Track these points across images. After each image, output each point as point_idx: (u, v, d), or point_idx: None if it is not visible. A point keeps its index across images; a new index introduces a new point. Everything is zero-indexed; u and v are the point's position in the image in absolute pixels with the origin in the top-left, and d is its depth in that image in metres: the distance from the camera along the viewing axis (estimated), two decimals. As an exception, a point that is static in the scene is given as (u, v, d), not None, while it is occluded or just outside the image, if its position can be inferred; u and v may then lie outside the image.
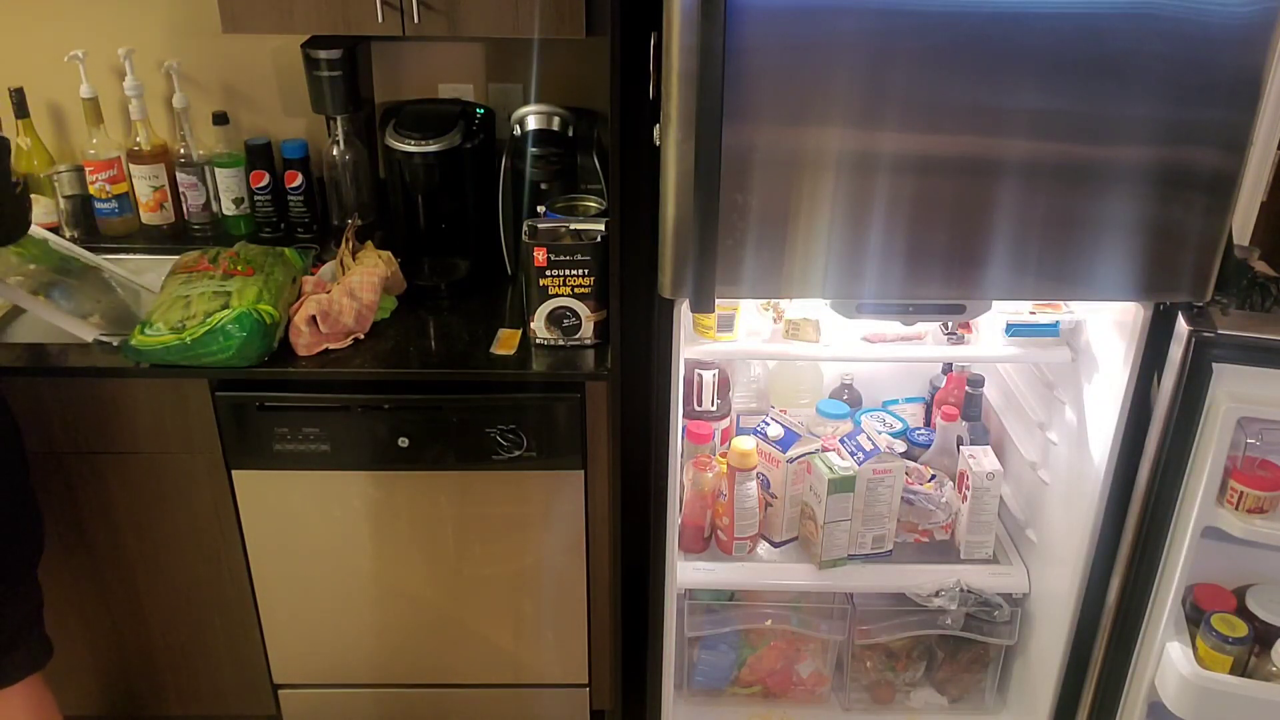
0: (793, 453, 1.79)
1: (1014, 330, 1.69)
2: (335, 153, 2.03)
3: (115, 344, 1.70)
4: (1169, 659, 1.58)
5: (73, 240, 2.06)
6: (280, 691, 2.04)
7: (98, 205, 2.08)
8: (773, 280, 1.45)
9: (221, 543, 1.86)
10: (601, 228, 1.73)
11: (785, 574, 1.87)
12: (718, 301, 1.42)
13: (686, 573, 1.83)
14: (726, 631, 1.97)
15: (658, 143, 1.38)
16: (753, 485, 1.80)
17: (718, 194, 1.32)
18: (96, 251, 2.01)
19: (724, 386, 1.93)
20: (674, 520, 1.71)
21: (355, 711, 2.06)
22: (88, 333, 1.74)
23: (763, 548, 1.90)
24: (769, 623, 1.95)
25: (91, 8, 2.02)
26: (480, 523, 1.84)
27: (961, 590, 1.82)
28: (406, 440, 1.74)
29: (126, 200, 2.10)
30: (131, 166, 2.08)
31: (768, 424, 1.84)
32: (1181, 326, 1.45)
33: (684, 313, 1.52)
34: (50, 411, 1.72)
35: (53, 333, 1.80)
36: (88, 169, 2.05)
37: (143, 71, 2.03)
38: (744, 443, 1.78)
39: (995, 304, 1.56)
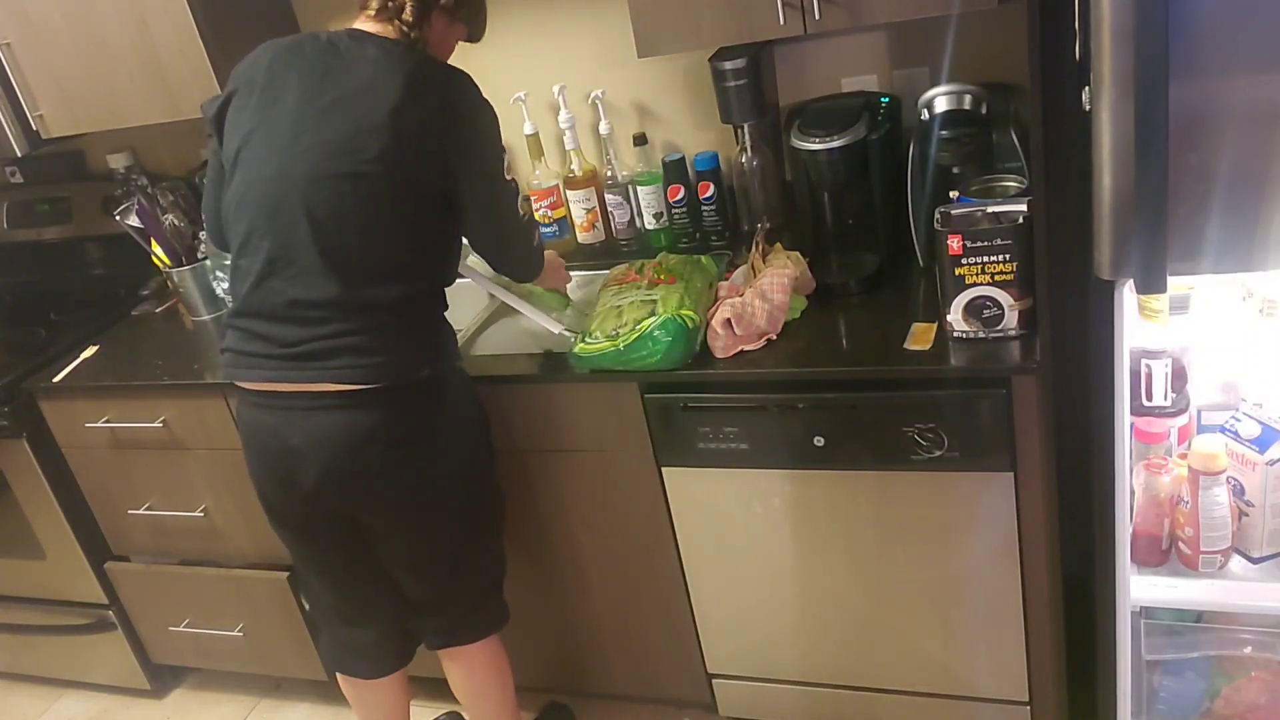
0: (1273, 454, 1.52)
1: None
2: (743, 160, 2.08)
3: (572, 339, 1.87)
4: None
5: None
6: (714, 681, 2.13)
7: (542, 230, 2.33)
8: (1243, 251, 1.24)
9: (655, 535, 1.98)
10: (1023, 208, 1.60)
11: (1266, 595, 1.59)
12: (1169, 280, 1.24)
13: (1141, 588, 1.62)
14: (1194, 657, 1.73)
15: (1087, 107, 1.24)
16: (1222, 491, 1.55)
17: (1165, 158, 1.15)
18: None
19: (1179, 378, 1.69)
20: (1124, 529, 1.52)
21: (786, 707, 2.10)
22: (555, 326, 1.96)
23: (1236, 563, 1.63)
24: (1248, 650, 1.68)
25: (532, 51, 2.25)
26: (901, 525, 1.79)
27: None
28: (822, 439, 1.74)
29: (565, 224, 2.33)
30: (568, 193, 2.30)
31: (1239, 420, 1.58)
32: None
33: (1126, 295, 1.35)
34: (512, 414, 1.94)
35: (511, 345, 2.05)
36: (533, 198, 2.31)
37: (573, 104, 2.24)
38: (1209, 442, 1.54)
39: None
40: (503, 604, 1.95)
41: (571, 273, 2.26)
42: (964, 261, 1.61)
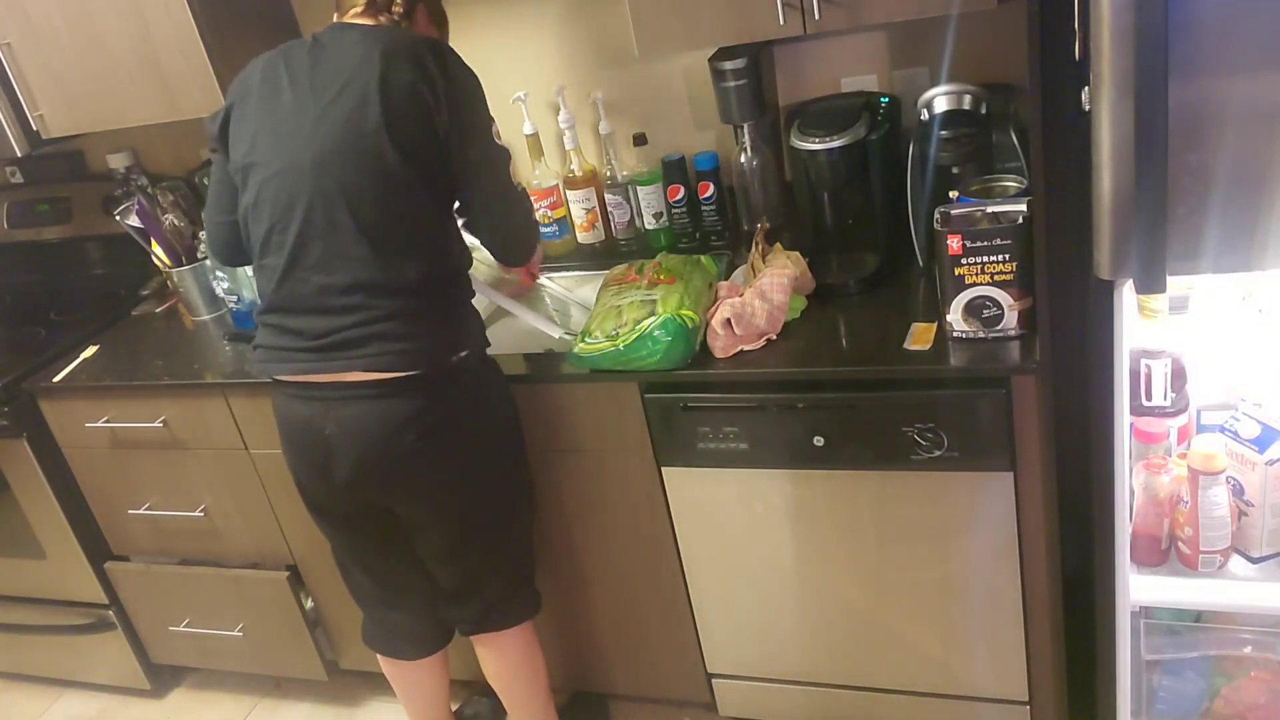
0: (1272, 453, 1.52)
1: None
2: (743, 160, 2.08)
3: (572, 341, 1.87)
4: None
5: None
6: (714, 680, 2.13)
7: (542, 230, 2.32)
8: (1242, 251, 1.24)
9: (655, 536, 1.98)
10: (1023, 208, 1.60)
11: (1266, 595, 1.59)
12: (1169, 280, 1.24)
13: (1141, 588, 1.62)
14: (1193, 657, 1.72)
15: (1087, 107, 1.24)
16: (1221, 491, 1.55)
17: (1164, 157, 1.15)
18: (541, 271, 2.25)
19: (1179, 378, 1.69)
20: (1124, 529, 1.52)
21: (786, 707, 2.09)
22: (555, 331, 1.97)
23: (1236, 563, 1.63)
24: (1248, 650, 1.68)
25: (532, 51, 2.25)
26: (901, 524, 1.79)
27: None
28: (822, 439, 1.74)
29: (565, 224, 2.33)
30: (568, 193, 2.30)
31: (1238, 420, 1.58)
32: None
33: (1126, 295, 1.35)
34: (510, 415, 1.94)
35: (511, 345, 2.05)
36: (533, 198, 2.30)
37: (573, 104, 2.24)
38: (1208, 442, 1.54)
39: None
40: (534, 592, 1.96)
41: (572, 273, 2.27)
42: (964, 261, 1.61)
